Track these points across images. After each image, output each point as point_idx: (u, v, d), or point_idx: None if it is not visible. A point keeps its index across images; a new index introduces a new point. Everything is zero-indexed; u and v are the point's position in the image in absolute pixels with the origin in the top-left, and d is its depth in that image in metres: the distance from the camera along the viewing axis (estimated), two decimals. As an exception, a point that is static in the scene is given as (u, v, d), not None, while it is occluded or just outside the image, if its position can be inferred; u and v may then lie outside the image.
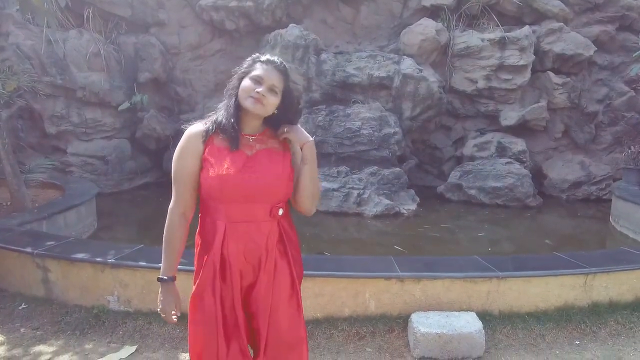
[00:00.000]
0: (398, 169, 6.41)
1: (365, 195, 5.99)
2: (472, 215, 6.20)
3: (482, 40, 6.78)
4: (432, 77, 6.66)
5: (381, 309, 2.80)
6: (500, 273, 2.78)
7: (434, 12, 7.17)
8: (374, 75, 6.65)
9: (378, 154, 6.37)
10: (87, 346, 2.70)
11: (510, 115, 6.99)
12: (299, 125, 1.58)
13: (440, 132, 7.65)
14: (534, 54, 6.75)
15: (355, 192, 6.02)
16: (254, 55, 1.56)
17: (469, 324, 2.55)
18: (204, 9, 7.38)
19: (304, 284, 2.74)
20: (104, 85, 6.96)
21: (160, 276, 1.58)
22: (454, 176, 6.77)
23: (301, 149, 1.57)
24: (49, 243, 3.25)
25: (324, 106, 6.76)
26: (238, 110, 1.51)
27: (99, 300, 3.02)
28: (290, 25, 6.97)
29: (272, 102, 1.50)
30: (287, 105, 1.55)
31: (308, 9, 7.62)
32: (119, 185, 7.15)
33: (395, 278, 2.75)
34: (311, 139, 1.58)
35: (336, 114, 6.60)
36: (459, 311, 2.71)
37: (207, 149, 1.51)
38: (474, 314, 2.65)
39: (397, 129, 6.49)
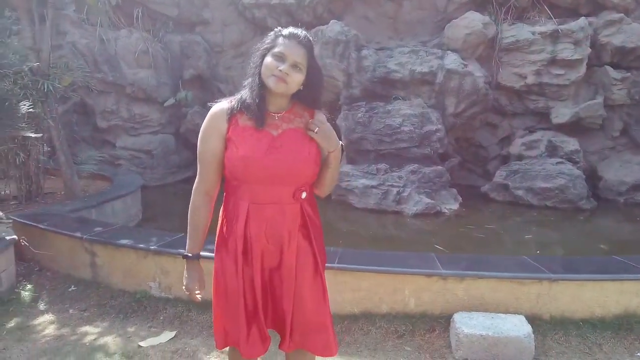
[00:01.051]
0: (440, 167, 6.21)
1: (405, 193, 5.85)
2: (519, 217, 5.90)
3: (533, 33, 6.44)
4: (477, 72, 6.40)
5: (421, 307, 2.69)
6: (552, 275, 2.59)
7: (480, 5, 6.89)
8: (416, 71, 6.47)
9: (419, 152, 6.20)
10: (129, 329, 2.78)
11: (562, 113, 6.59)
12: (329, 126, 1.50)
13: (485, 130, 7.34)
14: (590, 47, 6.32)
15: (395, 190, 5.89)
16: (275, 29, 1.49)
17: (516, 327, 2.39)
18: (246, 7, 7.49)
19: (340, 277, 2.71)
20: (151, 81, 7.23)
21: (185, 253, 1.58)
22: (499, 175, 6.47)
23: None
24: (97, 229, 3.39)
25: (364, 102, 6.67)
26: (262, 88, 1.46)
27: (142, 285, 3.11)
28: (332, 21, 6.92)
29: (296, 80, 1.43)
30: (312, 80, 1.48)
31: (349, 5, 7.55)
32: (163, 178, 7.40)
33: (437, 276, 2.64)
34: (340, 144, 1.53)
35: (376, 111, 6.49)
36: (505, 313, 2.55)
37: (231, 128, 1.48)
38: (522, 317, 2.48)
39: (439, 126, 6.29)
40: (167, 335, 2.69)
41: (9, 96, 3.26)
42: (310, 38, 1.47)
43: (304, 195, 1.50)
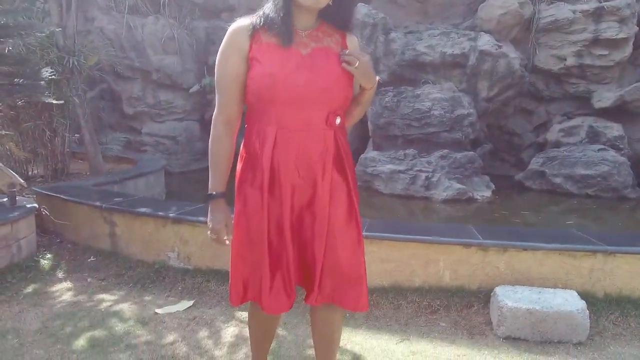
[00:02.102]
0: (471, 152, 5.91)
1: (435, 179, 5.58)
2: (557, 206, 5.53)
3: (574, 12, 6.05)
4: (512, 53, 6.07)
5: (457, 281, 2.46)
6: (608, 247, 2.31)
7: (516, -15, 6.53)
8: (447, 53, 6.18)
9: (449, 136, 5.91)
10: (146, 298, 2.66)
11: (605, 96, 6.16)
12: (368, 60, 1.33)
13: (519, 117, 6.97)
14: (637, 25, 5.89)
15: (424, 175, 5.63)
16: None
17: (568, 302, 2.13)
18: (272, -8, 7.38)
19: (367, 247, 2.50)
20: (177, 68, 7.21)
21: (208, 192, 1.39)
22: (535, 162, 6.10)
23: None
24: (117, 199, 3.31)
25: (391, 87, 6.43)
26: (288, 2, 1.28)
27: (160, 256, 2.99)
28: (359, 4, 6.72)
29: None
30: None
31: (377, -11, 7.33)
32: (187, 165, 7.38)
33: (476, 246, 2.40)
34: (377, 79, 1.37)
35: (404, 95, 6.24)
36: (554, 289, 2.29)
37: (254, 47, 1.31)
38: (574, 292, 2.22)
39: (471, 110, 5.98)
40: (185, 304, 2.56)
41: (30, 57, 3.21)
42: None
43: (337, 120, 1.33)
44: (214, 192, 1.39)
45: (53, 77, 3.60)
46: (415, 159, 5.88)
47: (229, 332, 2.25)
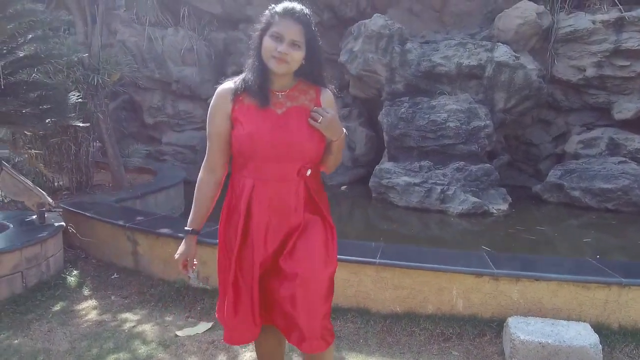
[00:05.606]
0: (488, 165, 5.88)
1: (450, 192, 5.58)
2: (575, 219, 5.47)
3: (594, 22, 5.96)
4: (530, 64, 6.01)
5: (470, 310, 2.49)
6: (623, 279, 2.31)
7: (535, -6, 6.47)
8: (464, 64, 6.17)
9: (465, 148, 5.90)
10: (167, 318, 2.77)
11: (626, 107, 6.06)
12: (332, 115, 1.45)
13: (537, 127, 6.90)
14: (661, 35, 5.77)
15: (439, 188, 5.63)
16: (270, 7, 1.45)
17: (581, 335, 2.14)
18: (289, 3, 7.46)
19: (382, 273, 2.56)
20: (196, 78, 7.37)
21: (185, 227, 1.60)
22: (553, 175, 6.03)
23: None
24: (139, 218, 3.43)
25: (407, 98, 6.44)
26: (264, 69, 1.44)
27: (181, 275, 3.10)
28: (375, 15, 6.75)
29: (296, 58, 1.41)
30: (311, 55, 1.44)
31: (393, -2, 7.35)
32: (205, 174, 7.53)
33: (489, 275, 2.42)
34: (343, 133, 1.50)
35: (420, 106, 6.25)
36: (567, 320, 2.30)
37: (236, 108, 1.47)
38: (587, 325, 2.23)
39: (487, 122, 5.96)
40: (204, 326, 2.65)
41: (59, 85, 3.36)
42: (307, 11, 1.43)
43: (308, 172, 1.49)
44: (189, 229, 1.60)
45: (79, 100, 3.76)
46: (430, 170, 5.89)
47: (247, 356, 2.33)
